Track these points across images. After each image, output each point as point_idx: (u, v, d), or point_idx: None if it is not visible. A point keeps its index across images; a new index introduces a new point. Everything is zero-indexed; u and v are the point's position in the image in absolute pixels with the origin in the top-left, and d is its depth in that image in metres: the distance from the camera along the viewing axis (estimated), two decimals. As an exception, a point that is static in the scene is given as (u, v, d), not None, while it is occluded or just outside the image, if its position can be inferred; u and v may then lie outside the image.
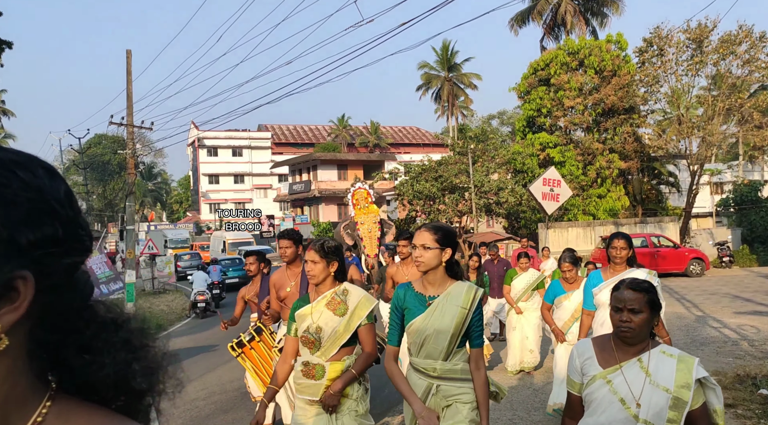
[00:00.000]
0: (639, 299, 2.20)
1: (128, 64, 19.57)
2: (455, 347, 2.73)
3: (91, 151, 50.47)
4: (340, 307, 3.11)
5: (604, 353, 2.30)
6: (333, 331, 3.08)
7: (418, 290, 2.81)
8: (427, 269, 2.75)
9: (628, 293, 2.22)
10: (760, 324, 9.77)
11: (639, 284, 2.25)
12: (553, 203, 15.80)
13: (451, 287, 2.76)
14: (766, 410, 5.16)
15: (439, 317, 2.70)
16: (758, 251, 22.46)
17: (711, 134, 21.58)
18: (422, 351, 2.74)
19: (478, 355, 2.77)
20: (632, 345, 2.24)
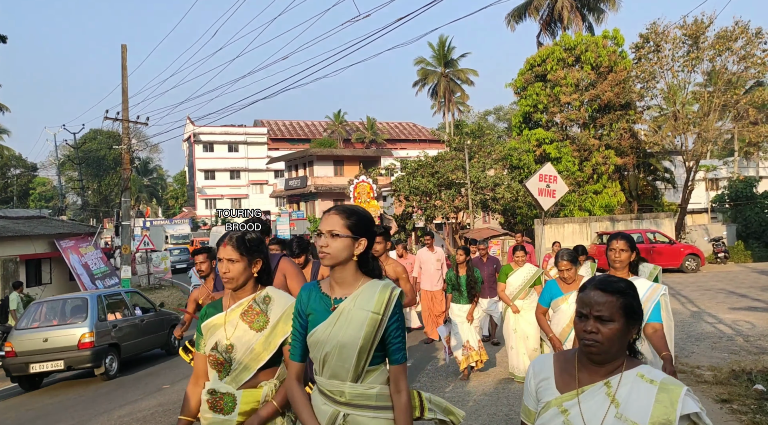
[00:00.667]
0: (610, 303, 1.70)
1: (123, 59, 19.48)
2: (367, 364, 2.15)
3: (86, 146, 50.24)
4: (259, 319, 2.45)
5: (564, 373, 1.79)
6: (248, 350, 2.40)
7: (324, 291, 2.26)
8: (334, 262, 2.19)
9: (595, 295, 1.73)
10: (755, 319, 9.82)
11: (612, 284, 1.74)
12: (549, 199, 15.78)
13: (362, 288, 2.20)
14: (761, 405, 5.19)
15: (344, 325, 2.14)
16: (753, 247, 22.57)
17: (707, 130, 21.63)
18: (326, 370, 2.17)
19: (398, 374, 2.18)
20: (601, 364, 1.73)
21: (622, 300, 1.71)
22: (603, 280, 1.78)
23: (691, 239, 23.00)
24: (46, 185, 64.70)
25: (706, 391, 5.77)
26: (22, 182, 59.44)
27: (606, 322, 1.69)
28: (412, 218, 25.36)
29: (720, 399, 5.47)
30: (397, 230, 24.80)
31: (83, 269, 20.26)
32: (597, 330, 1.69)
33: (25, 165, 58.59)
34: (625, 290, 1.73)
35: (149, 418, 6.81)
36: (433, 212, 24.13)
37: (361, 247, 2.20)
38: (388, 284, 2.23)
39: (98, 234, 23.13)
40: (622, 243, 3.64)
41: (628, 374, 1.71)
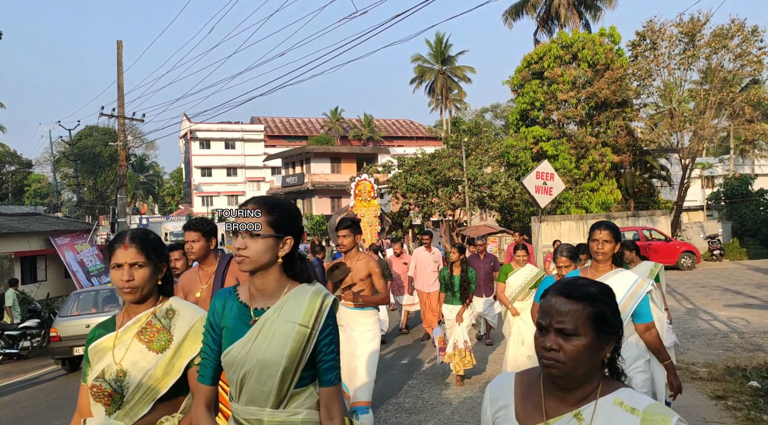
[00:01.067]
0: (574, 313, 1.35)
1: (119, 55, 19.40)
2: (292, 387, 1.81)
3: (82, 143, 50.05)
4: (160, 338, 2.01)
5: (527, 401, 1.46)
6: (145, 376, 1.95)
7: (243, 300, 1.89)
8: (254, 267, 1.83)
9: (557, 302, 1.39)
10: (750, 316, 9.86)
11: (578, 288, 1.40)
12: (546, 196, 15.80)
13: (287, 295, 1.86)
14: (755, 401, 5.21)
15: (265, 341, 1.80)
16: (748, 244, 22.65)
17: (702, 127, 21.68)
18: (243, 394, 1.82)
19: (331, 398, 1.84)
20: (568, 390, 1.39)
21: (590, 309, 1.36)
22: (568, 283, 1.41)
23: (687, 237, 23.07)
24: (41, 181, 64.46)
25: (701, 388, 5.80)
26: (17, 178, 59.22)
27: (570, 337, 1.35)
28: (409, 215, 25.38)
29: (715, 396, 5.49)
30: (393, 228, 24.80)
31: (79, 267, 20.20)
32: (558, 346, 1.35)
33: (20, 162, 58.36)
34: (595, 296, 1.38)
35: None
36: (430, 210, 24.14)
37: (286, 247, 1.85)
38: (319, 290, 1.89)
39: (94, 231, 23.06)
40: (606, 233, 3.23)
41: (603, 401, 1.37)
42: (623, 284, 3.15)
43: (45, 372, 10.66)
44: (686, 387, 5.82)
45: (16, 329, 11.62)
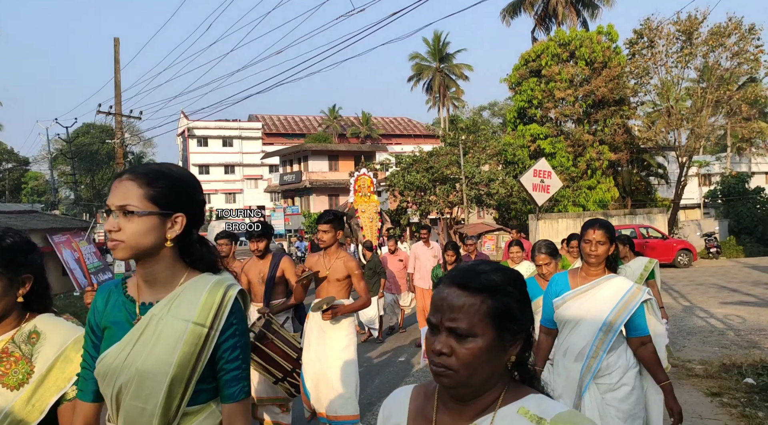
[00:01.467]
0: (470, 309, 1.09)
1: (116, 52, 19.36)
2: (183, 404, 1.44)
3: (79, 140, 49.93)
4: (17, 369, 1.58)
5: (420, 417, 1.22)
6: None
7: (131, 293, 1.53)
8: (132, 253, 1.46)
9: (450, 294, 1.11)
10: (746, 313, 9.90)
11: (477, 277, 1.12)
12: (544, 194, 15.83)
13: (183, 286, 1.49)
14: (751, 398, 5.25)
15: (148, 345, 1.43)
16: (745, 242, 22.74)
17: (700, 125, 21.73)
18: (121, 416, 1.45)
19: (234, 417, 1.46)
20: (464, 401, 1.15)
21: (490, 303, 1.09)
22: (465, 271, 1.13)
23: (684, 235, 23.14)
24: (38, 179, 64.31)
25: (697, 385, 5.83)
26: (14, 176, 59.08)
27: (464, 338, 1.08)
28: (407, 213, 25.40)
29: (710, 393, 5.52)
30: (391, 226, 24.84)
31: (76, 264, 20.19)
32: (450, 350, 1.09)
33: (17, 159, 58.21)
34: (497, 286, 1.11)
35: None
36: (427, 208, 24.17)
37: (177, 227, 1.48)
38: (222, 281, 1.51)
39: (91, 229, 23.05)
40: (600, 233, 2.84)
41: (504, 412, 1.12)
42: (616, 292, 2.84)
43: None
44: (682, 384, 5.85)
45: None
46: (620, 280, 2.89)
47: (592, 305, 2.85)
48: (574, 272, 3.01)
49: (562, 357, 2.93)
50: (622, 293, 2.83)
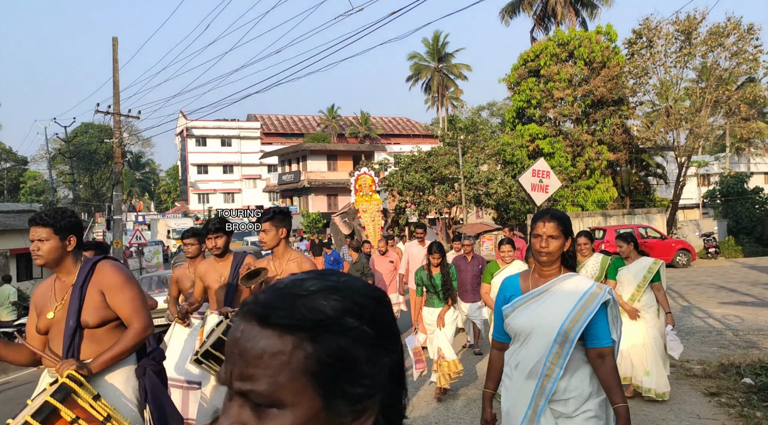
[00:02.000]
0: (272, 358, 0.63)
1: (114, 52, 19.33)
2: None
3: (78, 140, 49.87)
4: None
5: None
6: None
7: None
8: None
9: (246, 332, 0.66)
10: (745, 313, 9.90)
11: (291, 302, 0.66)
12: (542, 194, 15.79)
13: None
14: (749, 398, 5.24)
15: None
16: (743, 242, 22.74)
17: (699, 126, 21.73)
18: None
19: None
20: None
21: (310, 348, 0.65)
22: (275, 292, 0.68)
23: (683, 235, 23.15)
24: (36, 178, 64.22)
25: (695, 384, 5.82)
26: (12, 175, 59.00)
27: (262, 410, 0.65)
28: (405, 213, 25.39)
29: (709, 393, 5.51)
30: (390, 226, 24.83)
31: (74, 264, 20.15)
32: (249, 374, 0.67)
33: (15, 159, 58.12)
34: (325, 319, 0.66)
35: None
36: (426, 207, 24.16)
37: None
38: None
39: (89, 228, 23.00)
40: (552, 227, 2.37)
41: None
42: (572, 294, 2.37)
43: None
44: (681, 383, 5.84)
45: (11, 326, 11.59)
46: (578, 279, 2.44)
47: (545, 311, 2.38)
48: (526, 274, 2.57)
49: (513, 370, 2.48)
50: (579, 295, 2.35)
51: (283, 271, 3.69)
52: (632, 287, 5.28)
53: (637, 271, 5.25)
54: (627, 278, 5.29)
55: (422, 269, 6.03)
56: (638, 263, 5.19)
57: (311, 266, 3.66)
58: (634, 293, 5.27)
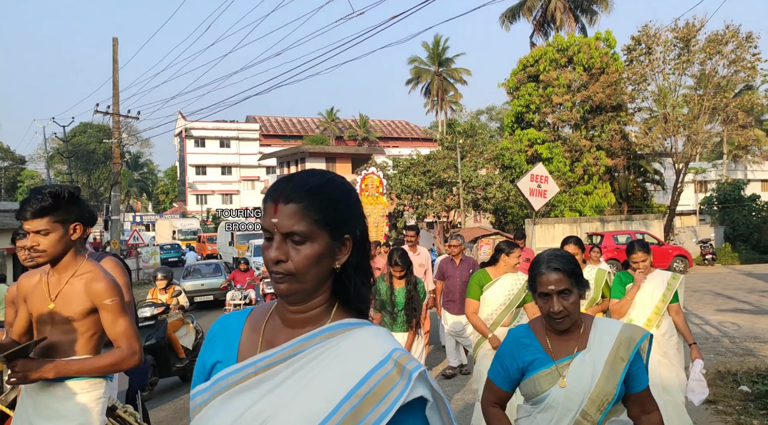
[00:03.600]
0: None
1: (114, 52, 19.33)
2: None
3: (76, 139, 49.78)
4: None
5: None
6: None
7: None
8: None
9: None
10: (741, 321, 9.92)
11: None
12: (540, 199, 15.85)
13: None
14: (746, 406, 5.25)
15: None
16: (740, 249, 22.81)
17: (696, 132, 21.80)
18: None
19: None
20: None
21: None
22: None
23: (680, 241, 23.21)
24: (34, 178, 64.06)
25: (692, 392, 5.83)
26: (10, 174, 58.88)
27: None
28: (404, 216, 25.39)
29: (705, 400, 5.52)
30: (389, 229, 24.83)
31: (72, 264, 20.10)
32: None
33: (13, 158, 58.01)
34: None
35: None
36: (424, 211, 24.18)
37: None
38: None
39: (87, 229, 22.95)
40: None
41: None
42: None
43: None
44: (677, 390, 5.84)
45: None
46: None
47: None
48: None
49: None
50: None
51: (59, 295, 2.29)
52: (648, 309, 3.99)
53: (654, 288, 3.98)
54: (641, 297, 4.01)
55: (382, 278, 4.89)
56: (654, 277, 3.97)
57: (107, 287, 2.31)
58: (650, 317, 3.98)
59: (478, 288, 4.45)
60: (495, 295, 4.39)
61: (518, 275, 4.46)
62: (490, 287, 4.43)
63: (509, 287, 4.39)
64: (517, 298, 4.37)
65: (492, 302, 4.39)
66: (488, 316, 4.37)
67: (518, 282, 4.39)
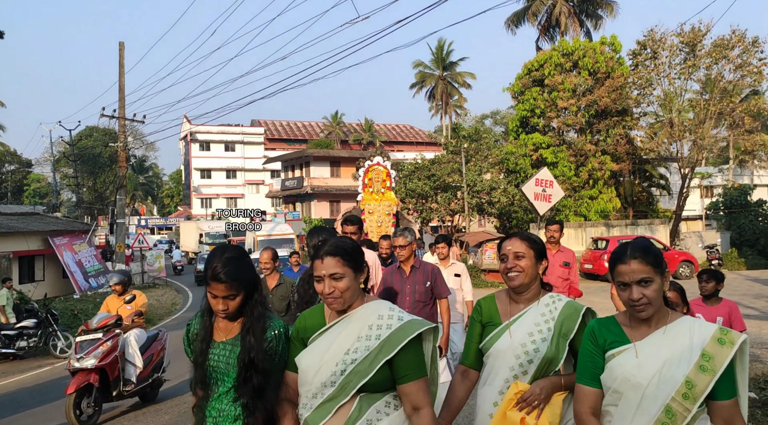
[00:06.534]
0: None
1: (121, 56, 19.44)
2: None
3: (82, 143, 50.02)
4: None
5: None
6: None
7: None
8: None
9: None
10: (748, 327, 9.80)
11: None
12: (545, 203, 15.84)
13: None
14: (753, 413, 5.21)
15: None
16: (747, 254, 22.67)
17: (702, 137, 21.74)
18: None
19: None
20: None
21: None
22: None
23: (686, 246, 23.10)
24: (40, 181, 64.43)
25: (698, 398, 5.79)
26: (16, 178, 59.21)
27: None
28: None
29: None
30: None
31: (77, 267, 20.17)
32: None
33: (20, 161, 58.34)
34: None
35: (141, 418, 6.76)
36: (428, 215, 24.17)
37: None
38: None
39: (92, 232, 23.03)
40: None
41: None
42: None
43: (42, 372, 10.63)
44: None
45: (13, 329, 11.58)
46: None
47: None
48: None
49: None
50: None
51: None
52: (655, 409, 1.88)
53: (679, 358, 1.85)
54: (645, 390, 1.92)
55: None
56: (675, 332, 1.89)
57: None
58: None
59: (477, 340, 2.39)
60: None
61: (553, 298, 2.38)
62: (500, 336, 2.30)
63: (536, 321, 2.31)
64: None
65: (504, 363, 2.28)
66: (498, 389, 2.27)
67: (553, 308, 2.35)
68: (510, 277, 2.35)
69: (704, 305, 4.58)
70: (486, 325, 2.40)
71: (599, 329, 2.02)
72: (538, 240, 2.44)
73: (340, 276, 1.99)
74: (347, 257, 2.02)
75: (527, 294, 2.37)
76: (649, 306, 1.87)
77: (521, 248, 2.35)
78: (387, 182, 15.35)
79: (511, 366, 2.23)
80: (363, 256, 2.10)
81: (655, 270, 1.88)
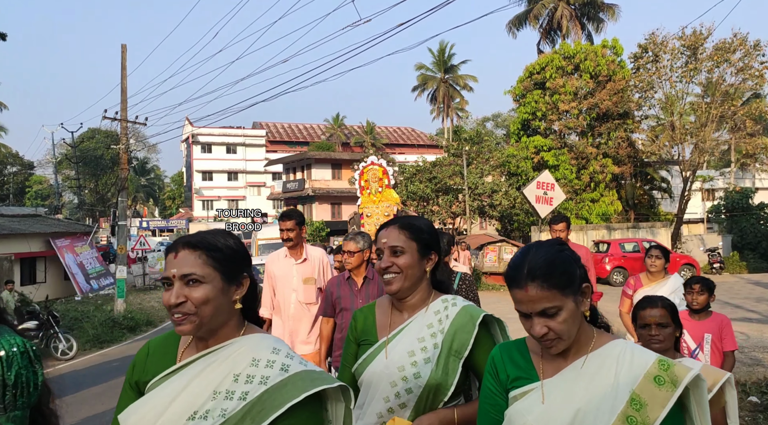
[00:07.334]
0: None
1: (123, 58, 19.47)
2: None
3: (84, 145, 50.11)
4: None
5: None
6: None
7: None
8: None
9: None
10: (750, 330, 9.83)
11: None
12: (547, 206, 15.80)
13: None
14: (755, 417, 5.19)
15: None
16: (748, 257, 22.63)
17: (704, 140, 21.72)
18: None
19: None
20: None
21: None
22: None
23: (687, 249, 23.06)
24: (42, 183, 64.50)
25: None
26: (18, 179, 59.30)
27: None
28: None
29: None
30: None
31: (78, 269, 20.19)
32: None
33: (22, 163, 58.43)
34: None
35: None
36: (430, 218, 24.15)
37: None
38: None
39: (94, 234, 23.06)
40: None
41: None
42: None
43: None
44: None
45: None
46: None
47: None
48: None
49: None
50: None
51: None
52: None
53: (597, 406, 1.34)
54: None
55: None
56: (597, 366, 1.38)
57: None
58: None
59: None
60: None
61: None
62: None
63: None
64: None
65: None
66: None
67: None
68: (386, 280, 1.81)
69: (690, 319, 3.89)
70: (361, 344, 1.89)
71: (501, 359, 1.48)
72: (424, 228, 1.88)
73: (198, 280, 1.31)
74: (215, 254, 1.35)
75: (411, 300, 1.84)
76: (559, 341, 1.34)
77: (399, 241, 1.80)
78: (384, 180, 14.50)
79: (386, 396, 1.74)
80: (248, 260, 1.45)
81: (563, 294, 1.32)
